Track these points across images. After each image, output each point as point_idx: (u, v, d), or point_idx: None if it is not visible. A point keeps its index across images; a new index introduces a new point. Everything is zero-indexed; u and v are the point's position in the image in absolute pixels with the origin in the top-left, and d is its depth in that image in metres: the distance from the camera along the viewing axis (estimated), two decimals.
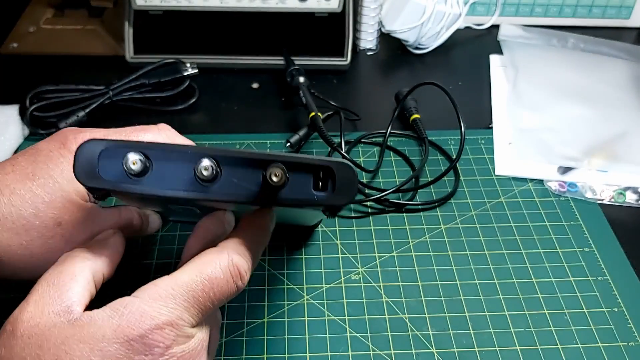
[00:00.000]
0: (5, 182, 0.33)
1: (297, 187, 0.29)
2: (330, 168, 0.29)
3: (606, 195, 0.52)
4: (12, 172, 0.33)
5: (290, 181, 0.29)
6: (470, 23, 0.73)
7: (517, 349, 0.41)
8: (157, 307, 0.28)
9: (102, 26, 0.69)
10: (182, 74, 0.60)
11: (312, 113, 0.54)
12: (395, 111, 0.59)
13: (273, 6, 0.62)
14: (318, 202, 0.30)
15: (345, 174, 0.30)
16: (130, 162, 0.28)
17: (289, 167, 0.29)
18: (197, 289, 0.29)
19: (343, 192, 0.30)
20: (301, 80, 0.59)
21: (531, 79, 0.64)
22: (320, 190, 0.30)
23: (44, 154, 0.34)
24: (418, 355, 0.40)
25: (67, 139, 0.34)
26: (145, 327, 0.27)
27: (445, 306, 0.43)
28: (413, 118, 0.58)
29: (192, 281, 0.29)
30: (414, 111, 0.58)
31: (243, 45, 0.68)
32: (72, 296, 0.28)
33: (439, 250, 0.47)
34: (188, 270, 0.29)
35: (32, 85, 0.58)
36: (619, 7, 0.73)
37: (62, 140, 0.34)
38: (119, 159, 0.29)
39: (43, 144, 0.35)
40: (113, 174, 0.29)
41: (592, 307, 0.44)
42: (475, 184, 0.53)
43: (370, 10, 0.66)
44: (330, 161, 0.30)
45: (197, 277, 0.29)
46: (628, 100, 0.61)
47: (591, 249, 0.48)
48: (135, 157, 0.28)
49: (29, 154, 0.34)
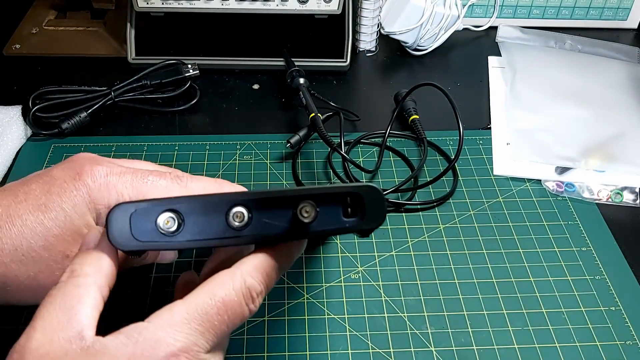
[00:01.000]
0: (18, 212, 0.32)
1: (328, 218, 0.30)
2: (358, 194, 0.30)
3: (603, 195, 0.53)
4: (24, 201, 0.32)
5: (320, 213, 0.29)
6: (469, 25, 0.73)
7: (515, 347, 0.41)
8: (172, 334, 0.27)
9: (104, 28, 0.70)
10: (184, 75, 0.60)
11: (312, 114, 0.54)
12: (394, 112, 0.59)
13: (273, 8, 0.62)
14: (349, 229, 0.30)
15: (373, 198, 0.30)
16: (162, 223, 0.28)
17: (317, 200, 0.29)
18: (212, 312, 0.28)
19: (373, 216, 0.30)
20: (301, 81, 0.59)
21: (529, 80, 0.64)
22: (350, 216, 0.30)
23: (58, 184, 0.33)
24: (417, 353, 0.41)
25: (83, 169, 0.33)
26: (161, 355, 0.26)
27: (444, 305, 0.44)
28: (412, 119, 0.58)
29: (206, 304, 0.28)
30: (413, 112, 0.59)
31: (244, 46, 0.69)
32: (82, 319, 0.27)
33: (437, 250, 0.48)
34: (202, 293, 0.28)
35: (34, 86, 0.58)
36: (616, 9, 0.73)
37: (78, 170, 0.33)
38: (152, 219, 0.29)
39: (58, 172, 0.34)
40: (147, 234, 0.29)
41: (590, 306, 0.44)
42: (473, 184, 0.54)
43: (370, 12, 0.66)
44: (357, 187, 0.30)
45: (211, 300, 0.28)
46: (625, 101, 0.62)
47: (589, 249, 0.48)
48: (166, 217, 0.28)
49: (42, 181, 0.33)
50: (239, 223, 0.29)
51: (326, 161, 0.55)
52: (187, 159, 0.55)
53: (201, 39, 0.70)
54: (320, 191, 0.29)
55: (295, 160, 0.55)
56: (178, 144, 0.57)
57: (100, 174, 0.33)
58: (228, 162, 0.55)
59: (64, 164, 0.34)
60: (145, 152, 0.56)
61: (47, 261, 0.32)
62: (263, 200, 0.29)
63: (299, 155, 0.56)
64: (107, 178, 0.33)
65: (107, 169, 0.34)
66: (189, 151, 0.56)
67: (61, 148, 0.56)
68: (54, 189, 0.33)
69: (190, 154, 0.56)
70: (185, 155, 0.56)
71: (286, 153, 0.56)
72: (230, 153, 0.56)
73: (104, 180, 0.33)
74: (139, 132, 0.59)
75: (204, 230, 0.29)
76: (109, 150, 0.56)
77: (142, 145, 0.57)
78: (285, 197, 0.29)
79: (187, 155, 0.56)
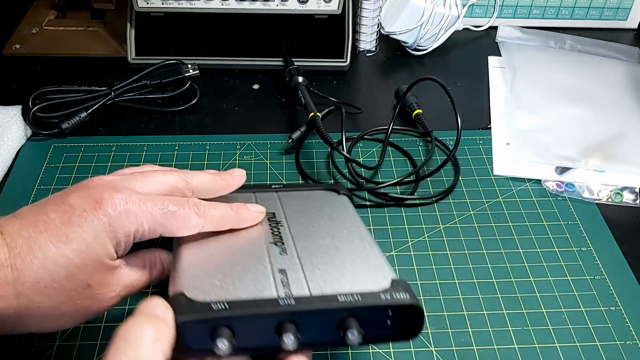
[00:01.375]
0: (39, 243, 0.31)
1: (369, 329, 0.30)
2: (401, 307, 0.30)
3: (603, 195, 0.53)
4: (45, 232, 0.32)
5: (363, 326, 0.30)
6: (469, 25, 0.73)
7: (515, 347, 0.41)
8: None
9: (104, 28, 0.70)
10: (184, 75, 0.60)
11: (311, 113, 0.54)
12: (397, 107, 0.59)
13: (273, 8, 0.62)
14: (387, 339, 0.31)
15: (413, 315, 0.30)
16: (218, 344, 0.29)
17: (362, 313, 0.30)
18: None
19: (410, 331, 0.31)
20: (300, 80, 0.59)
21: (529, 80, 0.64)
22: (389, 328, 0.31)
23: (78, 213, 0.32)
24: (417, 353, 0.41)
25: (103, 197, 0.33)
26: None
27: (443, 305, 0.44)
28: (416, 113, 0.59)
29: None
30: (416, 107, 0.59)
31: (244, 46, 0.69)
32: None
33: (437, 250, 0.48)
34: None
35: (34, 86, 0.58)
36: (616, 9, 0.73)
37: (98, 198, 0.33)
38: (206, 333, 0.29)
39: (76, 200, 0.33)
40: (201, 343, 0.29)
41: (590, 306, 0.44)
42: (473, 184, 0.54)
43: (370, 12, 0.66)
44: (401, 304, 0.30)
45: None
46: (625, 101, 0.62)
47: (589, 249, 0.48)
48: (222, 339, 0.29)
49: (62, 210, 0.33)
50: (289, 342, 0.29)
51: (328, 160, 0.56)
52: (187, 159, 0.55)
53: (201, 39, 0.70)
54: (364, 306, 0.30)
55: (298, 153, 0.56)
56: (178, 144, 0.57)
57: (120, 203, 0.33)
58: (228, 162, 0.55)
59: (82, 191, 0.34)
60: (145, 152, 0.56)
61: (69, 291, 0.32)
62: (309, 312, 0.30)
63: (301, 148, 0.57)
64: (127, 206, 0.33)
65: (126, 197, 0.33)
66: (189, 151, 0.56)
67: (61, 148, 0.56)
68: (75, 218, 0.32)
69: (190, 154, 0.56)
70: (185, 155, 0.56)
71: (288, 148, 0.57)
72: (230, 153, 0.56)
73: (124, 209, 0.33)
74: (139, 132, 0.59)
75: (255, 339, 0.30)
76: (109, 150, 0.56)
77: (142, 145, 0.57)
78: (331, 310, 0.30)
79: (187, 155, 0.56)
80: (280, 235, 0.36)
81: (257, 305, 0.29)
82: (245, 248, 0.35)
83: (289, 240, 0.36)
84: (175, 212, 0.34)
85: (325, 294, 0.30)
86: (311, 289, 0.31)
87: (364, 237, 0.36)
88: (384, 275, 0.32)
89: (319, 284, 0.31)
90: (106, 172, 0.54)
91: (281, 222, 0.38)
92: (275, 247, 0.35)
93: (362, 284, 0.31)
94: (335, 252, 0.34)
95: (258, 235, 0.36)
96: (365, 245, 0.35)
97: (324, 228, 0.37)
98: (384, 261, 0.34)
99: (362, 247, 0.35)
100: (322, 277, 0.32)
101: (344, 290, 0.30)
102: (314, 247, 0.35)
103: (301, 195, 0.42)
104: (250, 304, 0.29)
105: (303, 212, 0.39)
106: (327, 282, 0.31)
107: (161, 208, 0.34)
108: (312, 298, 0.30)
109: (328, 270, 0.32)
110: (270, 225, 0.37)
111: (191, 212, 0.35)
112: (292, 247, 0.35)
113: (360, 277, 0.32)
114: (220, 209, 0.36)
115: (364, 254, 0.34)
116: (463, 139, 0.57)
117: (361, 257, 0.34)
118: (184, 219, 0.34)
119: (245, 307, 0.29)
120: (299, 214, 0.39)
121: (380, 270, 0.32)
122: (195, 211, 0.35)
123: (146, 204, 0.33)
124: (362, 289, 0.30)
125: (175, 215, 0.34)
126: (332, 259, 0.33)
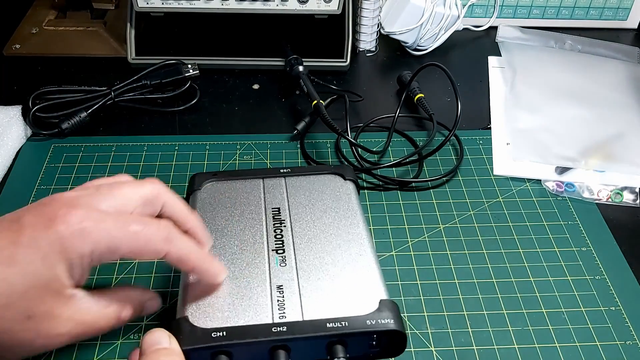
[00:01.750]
0: None
1: (355, 350, 0.34)
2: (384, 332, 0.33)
3: (603, 195, 0.53)
4: None
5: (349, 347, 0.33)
6: (469, 25, 0.73)
7: (515, 347, 0.41)
8: None
9: (104, 28, 0.70)
10: (184, 75, 0.60)
11: (315, 101, 0.54)
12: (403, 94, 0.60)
13: (273, 8, 0.62)
14: (373, 357, 0.35)
15: (396, 338, 0.33)
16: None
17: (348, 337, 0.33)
18: None
19: (394, 350, 0.34)
20: (300, 69, 0.59)
21: (529, 80, 0.64)
22: (374, 347, 0.34)
23: (28, 233, 0.29)
24: (417, 353, 0.41)
25: (57, 216, 0.30)
26: None
27: (443, 305, 0.44)
28: (418, 97, 0.59)
29: None
30: (418, 91, 0.60)
31: (244, 46, 0.69)
32: None
33: (437, 250, 0.48)
34: None
35: (34, 86, 0.58)
36: (616, 9, 0.73)
37: (51, 217, 0.29)
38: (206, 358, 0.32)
39: (29, 218, 0.30)
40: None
41: (590, 306, 0.44)
42: (473, 184, 0.54)
43: (370, 12, 0.66)
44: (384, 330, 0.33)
45: None
46: (625, 101, 0.62)
47: (588, 249, 0.48)
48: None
49: (11, 230, 0.30)
50: None
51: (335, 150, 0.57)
52: (187, 159, 0.55)
53: (201, 39, 0.70)
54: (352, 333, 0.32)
55: (303, 141, 0.57)
56: (178, 144, 0.57)
57: (75, 220, 0.29)
58: (228, 162, 0.55)
59: (37, 208, 0.30)
60: (145, 152, 0.56)
61: (7, 322, 0.29)
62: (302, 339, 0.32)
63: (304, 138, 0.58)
64: (81, 225, 0.29)
65: (83, 214, 0.30)
66: (189, 151, 0.56)
67: (61, 148, 0.56)
68: (22, 239, 0.29)
69: (190, 154, 0.56)
70: (185, 155, 0.56)
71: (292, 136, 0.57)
72: (230, 153, 0.56)
73: (79, 228, 0.29)
74: (139, 132, 0.59)
75: None
76: (109, 150, 0.56)
77: (142, 145, 0.57)
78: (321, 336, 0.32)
79: (187, 155, 0.56)
80: (282, 239, 0.38)
81: (253, 332, 0.32)
82: (247, 257, 0.37)
83: (290, 248, 0.38)
84: (137, 232, 0.31)
85: (316, 318, 0.33)
86: (304, 313, 0.33)
87: (363, 245, 0.38)
88: (374, 295, 0.34)
89: (311, 307, 0.34)
90: (106, 172, 0.54)
91: (285, 221, 0.40)
92: (276, 255, 0.37)
93: (351, 307, 0.34)
94: (331, 266, 0.36)
95: (261, 240, 0.38)
96: (362, 254, 0.37)
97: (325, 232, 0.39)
98: (377, 276, 0.36)
99: (358, 257, 0.37)
100: (315, 299, 0.34)
101: (333, 314, 0.33)
102: (312, 258, 0.37)
103: (308, 184, 0.43)
104: (247, 330, 0.32)
105: (307, 208, 0.41)
106: (319, 306, 0.34)
107: (122, 227, 0.30)
108: (304, 324, 0.33)
109: (321, 293, 0.35)
110: (274, 226, 0.39)
111: (156, 236, 0.31)
112: (292, 257, 0.37)
113: (351, 298, 0.34)
114: (190, 245, 0.33)
115: (358, 268, 0.36)
116: (463, 139, 0.57)
117: (356, 273, 0.36)
118: (147, 241, 0.31)
119: (242, 335, 0.32)
120: (303, 212, 0.40)
121: (371, 289, 0.35)
122: (162, 235, 0.31)
123: (105, 223, 0.30)
124: (350, 314, 0.33)
125: (138, 236, 0.31)
126: (327, 274, 0.36)
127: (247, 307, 0.34)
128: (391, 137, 0.56)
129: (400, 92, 0.64)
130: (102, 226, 0.30)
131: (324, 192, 0.42)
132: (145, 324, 0.42)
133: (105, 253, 0.30)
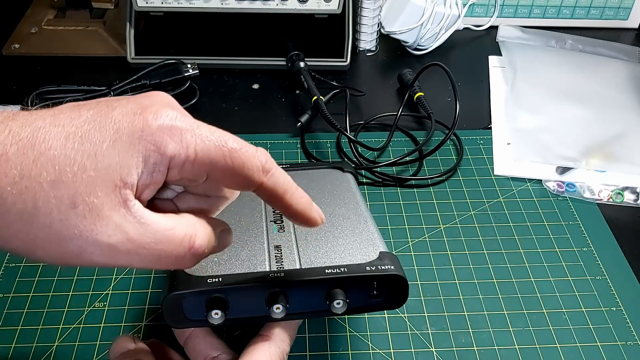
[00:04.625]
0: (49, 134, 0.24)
1: (356, 299, 0.33)
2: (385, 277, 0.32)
3: (604, 195, 0.53)
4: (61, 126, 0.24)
5: (349, 296, 0.32)
6: (469, 24, 0.73)
7: (516, 347, 0.41)
8: None
9: (104, 27, 0.70)
10: (183, 75, 0.60)
11: (315, 97, 0.55)
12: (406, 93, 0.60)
13: (273, 7, 0.62)
14: (374, 309, 0.34)
15: (397, 285, 0.33)
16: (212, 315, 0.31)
17: (347, 284, 0.32)
18: None
19: (395, 301, 0.33)
20: (301, 65, 0.60)
21: (529, 80, 0.64)
22: (375, 297, 0.33)
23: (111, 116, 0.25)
24: (417, 354, 0.41)
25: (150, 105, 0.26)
26: None
27: (444, 305, 0.44)
28: (417, 96, 0.59)
29: None
30: (417, 90, 0.60)
31: (243, 46, 0.69)
32: None
33: (438, 250, 0.48)
34: None
35: (34, 85, 0.58)
36: (617, 8, 0.73)
37: (144, 106, 0.26)
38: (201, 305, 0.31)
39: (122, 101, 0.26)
40: (197, 314, 0.32)
41: (591, 306, 0.44)
42: (474, 184, 0.54)
43: (370, 11, 0.66)
44: (385, 274, 0.32)
45: None
46: (626, 101, 0.62)
47: (589, 249, 0.48)
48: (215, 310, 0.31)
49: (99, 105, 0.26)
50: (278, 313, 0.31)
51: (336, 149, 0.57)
52: None
53: (201, 38, 0.70)
54: (349, 277, 0.32)
55: (304, 139, 0.57)
56: None
57: (168, 115, 0.25)
58: None
59: (135, 97, 0.27)
60: None
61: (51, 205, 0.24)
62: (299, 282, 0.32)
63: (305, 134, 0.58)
64: (174, 122, 0.25)
65: (179, 115, 0.26)
66: None
67: None
68: (102, 119, 0.25)
69: None
70: None
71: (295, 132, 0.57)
72: None
73: (170, 124, 0.25)
74: None
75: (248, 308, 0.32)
76: None
77: None
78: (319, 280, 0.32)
79: None
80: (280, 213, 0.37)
81: (249, 278, 0.32)
82: (246, 225, 0.37)
83: None
84: (235, 150, 0.26)
85: (314, 266, 0.32)
86: (302, 263, 0.33)
87: (360, 212, 0.38)
88: (374, 248, 0.34)
89: (309, 258, 0.33)
90: None
91: None
92: (275, 224, 0.37)
93: (351, 256, 0.33)
94: (330, 228, 0.36)
95: (259, 213, 0.38)
96: (360, 220, 0.37)
97: (323, 205, 0.38)
98: (376, 235, 0.36)
99: (357, 222, 0.37)
100: (313, 251, 0.34)
101: (332, 263, 0.33)
102: None
103: (306, 174, 0.43)
104: (242, 277, 0.32)
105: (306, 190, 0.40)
106: (318, 256, 0.33)
107: (218, 139, 0.26)
108: (301, 271, 0.32)
109: (320, 245, 0.34)
110: None
111: (255, 160, 0.27)
112: (290, 225, 0.36)
113: (350, 251, 0.34)
114: (290, 180, 0.28)
115: (357, 229, 0.36)
116: (464, 139, 0.57)
117: (354, 232, 0.36)
118: (243, 164, 0.26)
119: (237, 281, 0.31)
120: None
121: (370, 243, 0.35)
122: (262, 160, 0.27)
123: (200, 129, 0.26)
124: (350, 262, 0.33)
125: (234, 155, 0.26)
126: (326, 234, 0.36)
127: (245, 259, 0.33)
128: (392, 135, 0.56)
129: (400, 90, 0.64)
130: (196, 131, 0.25)
131: (323, 179, 0.43)
132: (145, 324, 0.42)
133: (189, 165, 0.25)
